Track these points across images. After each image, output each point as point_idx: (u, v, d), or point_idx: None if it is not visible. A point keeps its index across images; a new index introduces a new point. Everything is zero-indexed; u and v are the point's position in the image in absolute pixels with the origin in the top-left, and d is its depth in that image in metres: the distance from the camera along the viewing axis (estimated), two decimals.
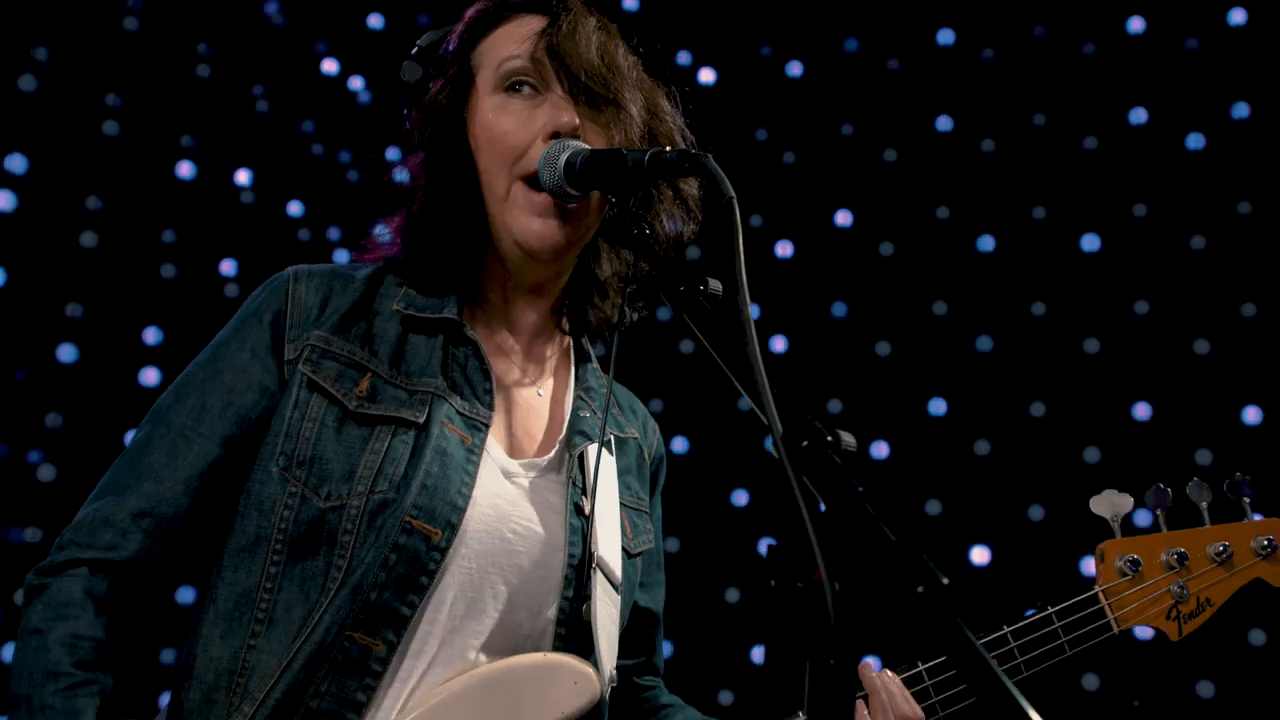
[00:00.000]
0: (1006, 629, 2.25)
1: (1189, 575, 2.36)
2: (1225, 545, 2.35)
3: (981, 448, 4.80)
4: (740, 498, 4.86)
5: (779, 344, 4.92)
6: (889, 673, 2.18)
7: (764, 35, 5.07)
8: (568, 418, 2.19)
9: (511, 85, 2.06)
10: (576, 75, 2.04)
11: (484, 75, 2.09)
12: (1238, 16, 4.78)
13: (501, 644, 1.98)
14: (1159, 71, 4.82)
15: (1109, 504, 2.36)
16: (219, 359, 2.03)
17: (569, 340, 2.29)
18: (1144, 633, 2.36)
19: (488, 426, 2.04)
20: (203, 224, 4.60)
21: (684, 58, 5.05)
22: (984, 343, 4.84)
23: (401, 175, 2.17)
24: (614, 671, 2.08)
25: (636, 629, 2.33)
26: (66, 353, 4.33)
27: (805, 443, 1.39)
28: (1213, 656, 4.50)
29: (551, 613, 2.02)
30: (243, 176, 4.69)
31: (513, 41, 2.08)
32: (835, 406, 4.90)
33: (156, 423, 2.01)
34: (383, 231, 2.19)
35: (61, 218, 4.39)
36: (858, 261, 4.93)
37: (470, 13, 2.18)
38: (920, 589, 1.23)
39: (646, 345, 4.47)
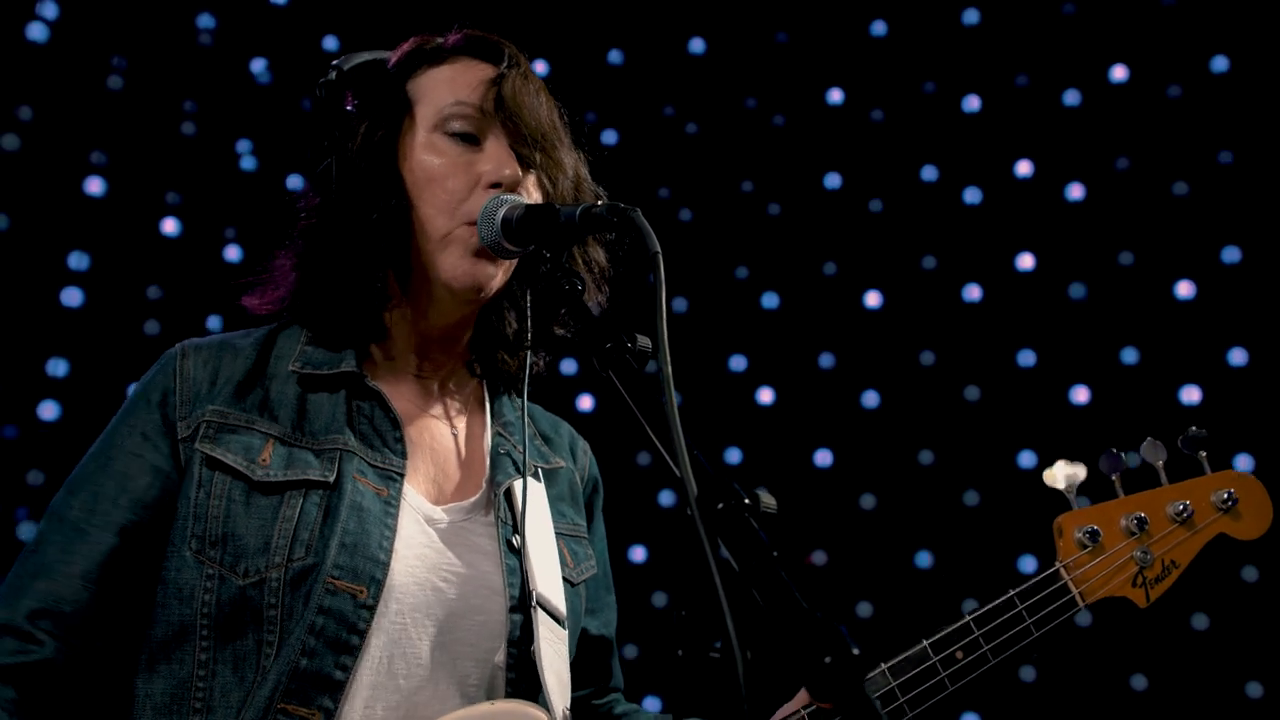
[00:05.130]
0: (969, 617, 2.16)
1: (1151, 539, 2.25)
2: (1185, 504, 2.26)
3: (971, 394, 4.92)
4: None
5: (765, 395, 4.98)
6: None
7: (751, 86, 5.12)
8: (488, 456, 2.15)
9: (452, 130, 2.04)
10: (524, 132, 2.05)
11: (423, 111, 2.07)
12: (1220, 64, 4.87)
13: (453, 696, 1.94)
14: (1142, 116, 4.89)
15: (1062, 476, 2.27)
16: (110, 446, 1.99)
17: (482, 379, 2.24)
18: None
19: (403, 476, 2.00)
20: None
21: (669, 111, 5.10)
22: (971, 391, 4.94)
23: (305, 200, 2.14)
24: (567, 710, 2.03)
25: (590, 657, 2.28)
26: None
27: (720, 505, 1.37)
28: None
29: (500, 658, 1.98)
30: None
31: (460, 86, 2.06)
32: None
33: (50, 519, 1.96)
34: (283, 264, 2.14)
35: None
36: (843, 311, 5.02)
37: (410, 45, 2.15)
38: (829, 659, 1.22)
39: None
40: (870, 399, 4.92)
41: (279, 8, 4.81)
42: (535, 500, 2.14)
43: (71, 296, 4.41)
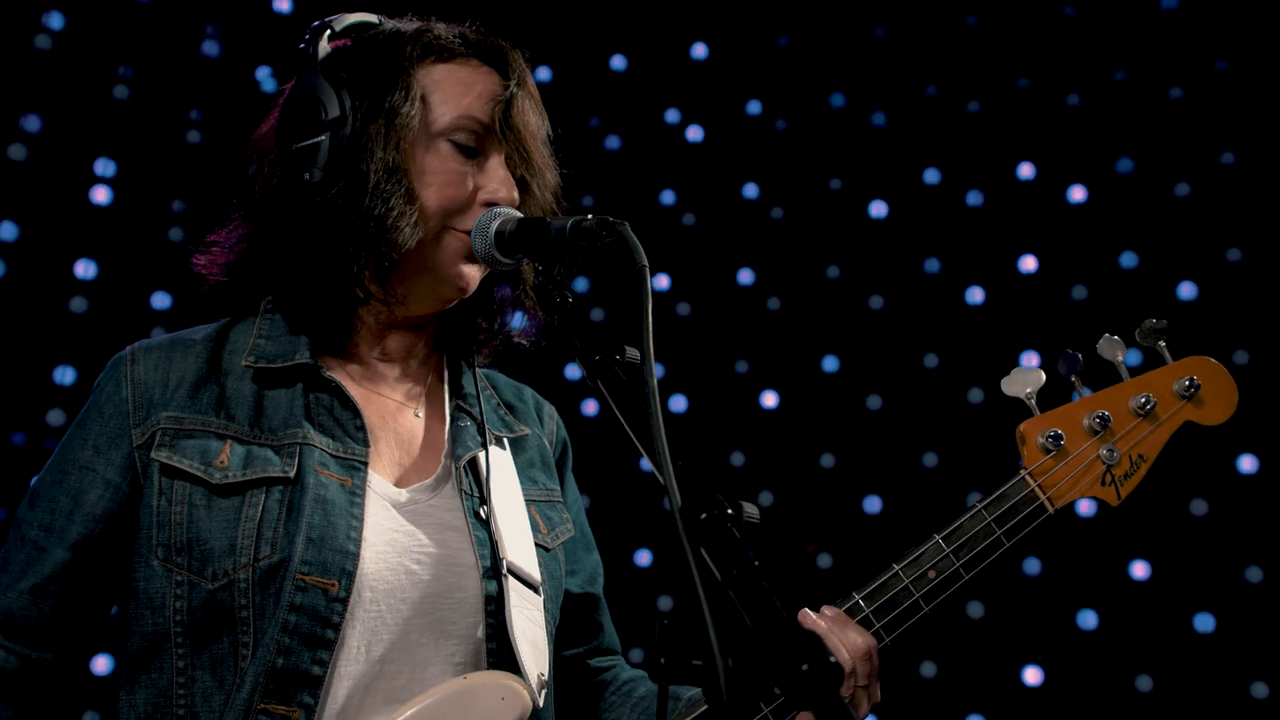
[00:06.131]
0: (937, 536, 2.12)
1: (1115, 436, 2.21)
2: (1147, 396, 2.21)
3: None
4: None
5: (769, 399, 4.98)
6: (828, 608, 2.05)
7: (754, 91, 5.15)
8: (448, 431, 2.14)
9: (457, 140, 2.03)
10: (524, 154, 2.07)
11: (429, 111, 2.02)
12: (1221, 65, 4.89)
13: (439, 677, 1.94)
14: (1144, 118, 4.90)
15: (1020, 382, 2.22)
16: (64, 460, 1.98)
17: (441, 354, 2.24)
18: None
19: (366, 464, 1.98)
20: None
21: (672, 116, 5.12)
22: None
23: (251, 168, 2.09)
24: (545, 675, 2.03)
25: (577, 616, 2.30)
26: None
27: (704, 515, 1.39)
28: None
29: (481, 632, 1.98)
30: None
31: (469, 97, 2.05)
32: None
33: (13, 533, 1.98)
34: (238, 232, 2.10)
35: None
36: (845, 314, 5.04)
37: (413, 29, 2.09)
38: (805, 666, 1.24)
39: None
40: (874, 402, 4.94)
41: (284, 16, 4.84)
42: (500, 469, 2.13)
43: (79, 304, 4.44)
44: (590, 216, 1.77)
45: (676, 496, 1.41)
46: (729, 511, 1.43)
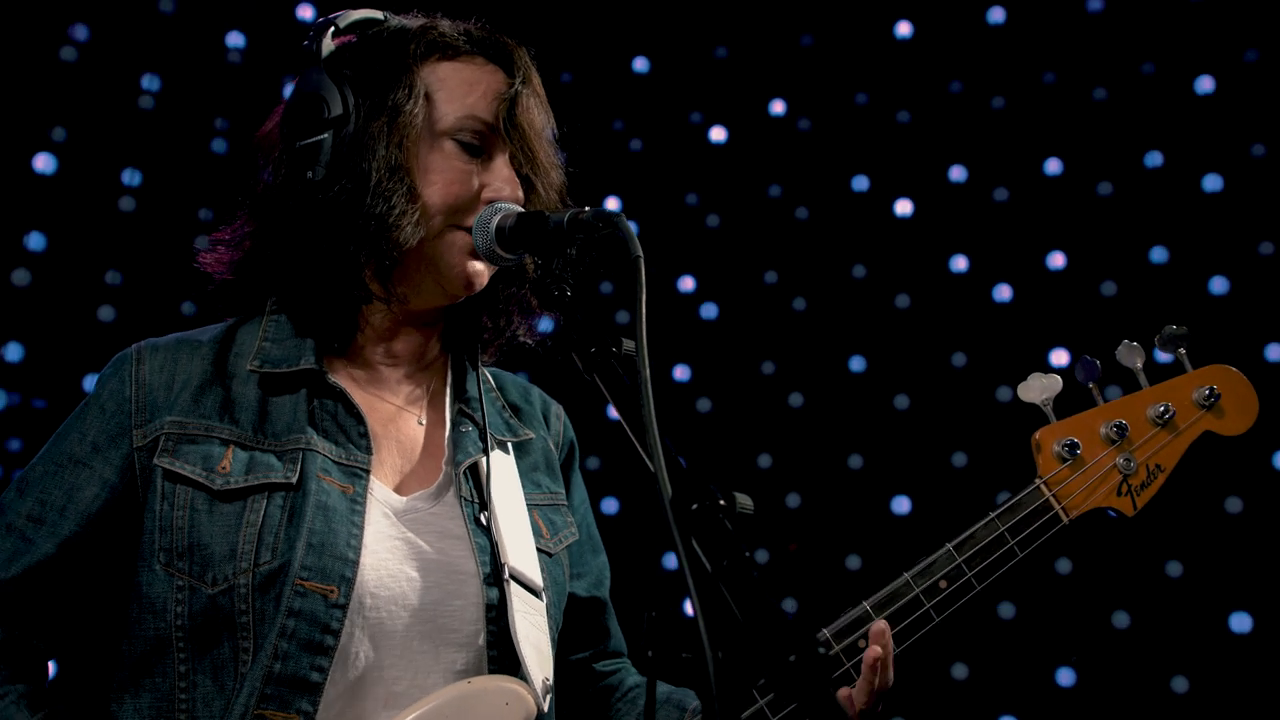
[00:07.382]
0: (949, 545, 2.08)
1: (1133, 445, 2.16)
2: (1166, 405, 2.16)
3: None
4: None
5: (796, 400, 4.97)
6: (876, 647, 1.95)
7: (777, 91, 5.14)
8: (448, 436, 2.12)
9: (462, 140, 2.02)
10: (528, 153, 2.06)
11: (433, 109, 2.02)
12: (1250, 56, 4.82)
13: (440, 685, 1.93)
14: (1172, 111, 4.85)
15: (1037, 388, 2.17)
16: (60, 453, 1.96)
17: (447, 355, 2.21)
18: None
19: (368, 471, 1.97)
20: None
21: (696, 117, 5.14)
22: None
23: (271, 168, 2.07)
24: (549, 679, 2.02)
25: (583, 619, 2.28)
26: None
27: (695, 506, 1.40)
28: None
29: (482, 639, 1.97)
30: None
31: (473, 96, 2.04)
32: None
33: None
34: (243, 230, 2.10)
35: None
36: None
37: (417, 26, 2.09)
38: (793, 657, 1.25)
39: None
40: (901, 401, 4.91)
41: (307, 25, 4.86)
42: (502, 473, 2.12)
43: (106, 313, 4.48)
44: (587, 209, 1.78)
45: (667, 487, 1.41)
46: (721, 502, 1.42)
